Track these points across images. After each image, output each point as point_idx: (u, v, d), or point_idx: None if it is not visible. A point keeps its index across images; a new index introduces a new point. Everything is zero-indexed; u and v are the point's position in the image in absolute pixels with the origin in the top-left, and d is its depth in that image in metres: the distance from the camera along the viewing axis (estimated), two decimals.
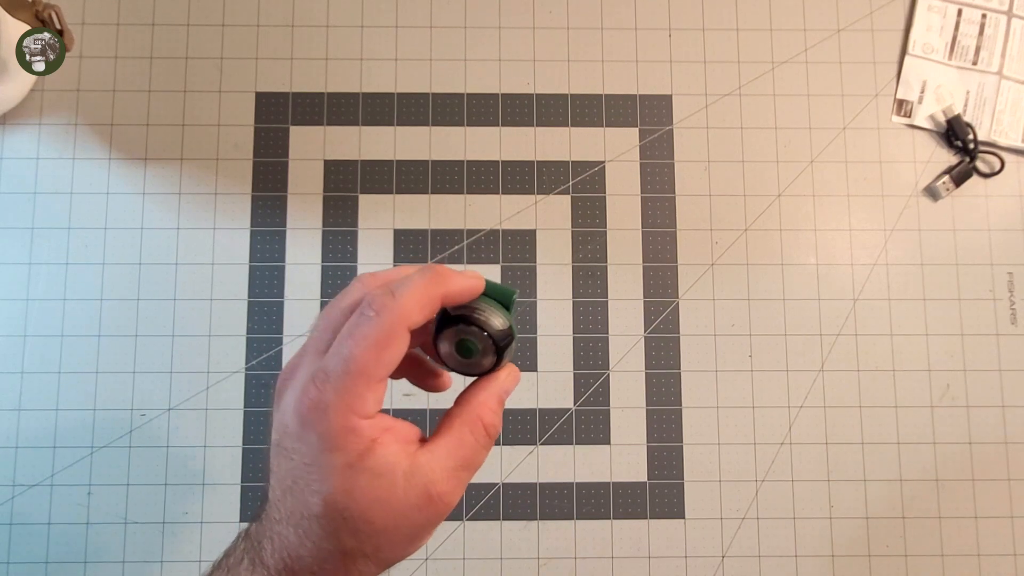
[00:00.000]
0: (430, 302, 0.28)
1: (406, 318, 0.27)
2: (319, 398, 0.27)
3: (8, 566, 0.54)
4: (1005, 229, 0.60)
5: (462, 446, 0.29)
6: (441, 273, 0.29)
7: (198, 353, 0.57)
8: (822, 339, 0.58)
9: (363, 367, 0.27)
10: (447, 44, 0.61)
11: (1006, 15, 0.62)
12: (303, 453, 0.27)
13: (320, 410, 0.27)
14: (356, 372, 0.27)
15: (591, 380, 0.58)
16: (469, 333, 0.30)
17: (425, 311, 0.28)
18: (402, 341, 0.27)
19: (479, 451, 0.30)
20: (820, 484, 0.57)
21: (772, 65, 0.61)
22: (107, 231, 0.58)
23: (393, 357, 0.27)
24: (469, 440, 0.29)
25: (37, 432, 0.56)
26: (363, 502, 0.27)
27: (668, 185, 0.60)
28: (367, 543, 0.28)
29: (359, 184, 0.59)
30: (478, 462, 0.30)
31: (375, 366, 0.27)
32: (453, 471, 0.29)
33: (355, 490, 0.27)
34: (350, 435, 0.27)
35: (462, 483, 0.29)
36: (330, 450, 0.27)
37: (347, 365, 0.27)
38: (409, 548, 0.30)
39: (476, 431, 0.30)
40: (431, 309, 0.28)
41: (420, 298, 0.28)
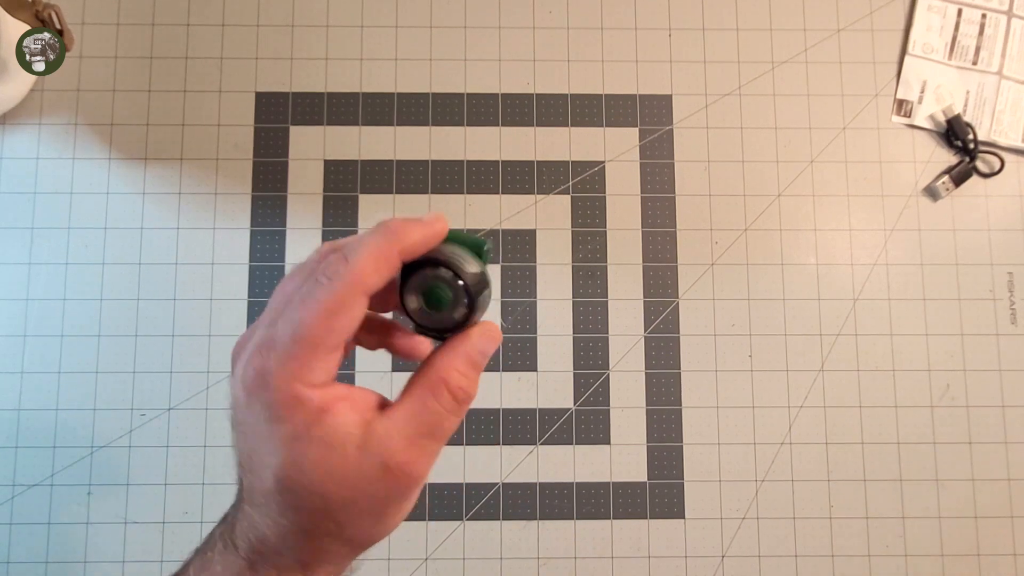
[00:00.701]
0: (387, 261, 0.26)
1: (360, 283, 0.25)
2: (262, 367, 0.25)
3: (8, 566, 0.54)
4: (1005, 229, 0.60)
5: (424, 411, 0.26)
6: (395, 228, 0.26)
7: (198, 353, 0.57)
8: (822, 339, 0.58)
9: (311, 334, 0.25)
10: (447, 44, 0.61)
11: (1006, 15, 0.62)
12: (251, 425, 0.26)
13: (263, 379, 0.25)
14: (303, 339, 0.25)
15: (591, 380, 0.58)
16: (437, 278, 0.27)
17: (382, 272, 0.26)
18: (356, 307, 0.25)
19: (445, 417, 0.27)
20: (820, 484, 0.57)
21: (772, 65, 0.61)
22: (107, 231, 0.58)
23: (345, 324, 0.25)
24: (432, 405, 0.26)
25: (37, 432, 0.56)
26: (313, 476, 0.25)
27: (668, 185, 0.60)
28: (326, 521, 0.26)
29: (359, 184, 0.59)
30: (445, 430, 0.27)
31: (325, 334, 0.25)
32: (414, 439, 0.26)
33: (304, 463, 0.25)
34: (296, 405, 0.25)
35: (427, 453, 0.26)
36: (276, 421, 0.25)
37: (294, 332, 0.25)
38: (377, 526, 0.28)
39: (440, 395, 0.26)
40: (389, 269, 0.26)
41: (375, 259, 0.26)
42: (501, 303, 0.58)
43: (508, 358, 0.58)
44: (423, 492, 0.56)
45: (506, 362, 0.58)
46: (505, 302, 0.58)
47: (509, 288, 0.58)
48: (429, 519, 0.56)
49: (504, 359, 0.58)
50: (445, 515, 0.56)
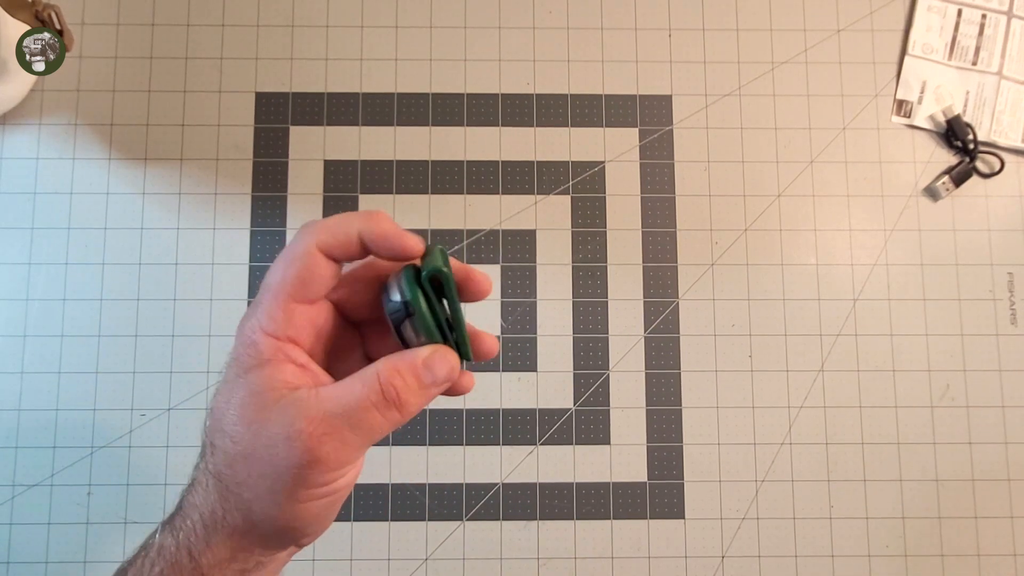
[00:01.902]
0: (343, 226, 0.27)
1: (313, 235, 0.27)
2: (243, 318, 0.28)
3: (8, 566, 0.54)
4: (1005, 229, 0.60)
5: (349, 395, 0.26)
6: (371, 213, 0.28)
7: (198, 353, 0.57)
8: (822, 339, 0.58)
9: (271, 281, 0.27)
10: (447, 44, 0.61)
11: (1006, 15, 0.62)
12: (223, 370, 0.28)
13: (239, 326, 0.28)
14: (267, 288, 0.27)
15: (591, 380, 0.58)
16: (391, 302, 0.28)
17: (337, 235, 0.27)
18: (310, 260, 0.27)
19: (368, 409, 0.26)
20: (820, 484, 0.57)
21: (772, 65, 0.61)
22: (107, 231, 0.58)
23: (300, 274, 0.27)
24: (359, 392, 0.26)
25: (37, 432, 0.56)
26: (234, 415, 0.26)
27: (668, 185, 0.60)
28: (230, 469, 0.26)
29: (359, 184, 0.59)
30: (367, 424, 0.26)
31: (281, 281, 0.27)
32: (330, 419, 0.26)
33: (232, 401, 0.26)
34: (248, 347, 0.27)
35: (339, 439, 0.26)
36: (233, 360, 0.27)
37: (265, 282, 0.28)
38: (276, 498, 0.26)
39: (370, 386, 0.26)
40: (344, 234, 0.27)
41: (336, 221, 0.27)
42: (501, 303, 0.58)
43: (508, 358, 0.58)
44: (424, 492, 0.56)
45: (506, 362, 0.58)
46: (505, 302, 0.58)
47: (509, 288, 0.58)
48: (429, 519, 0.56)
49: (504, 359, 0.58)
50: (445, 515, 0.56)
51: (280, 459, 0.25)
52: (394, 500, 0.56)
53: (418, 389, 0.27)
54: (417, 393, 0.27)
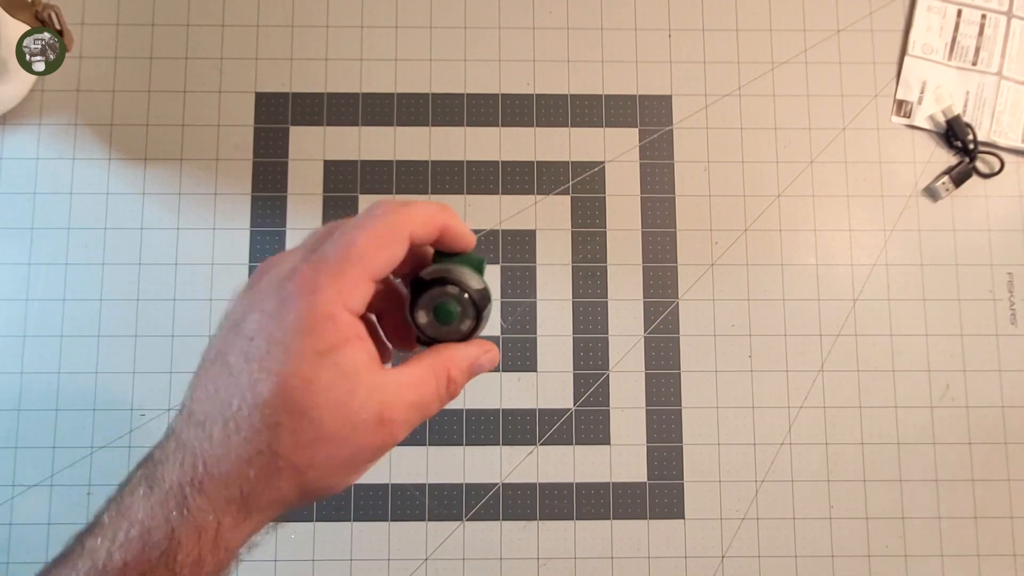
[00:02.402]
0: (433, 222, 0.28)
1: (410, 223, 0.27)
2: (312, 279, 0.25)
3: (8, 566, 0.54)
4: (1005, 229, 0.60)
5: (423, 385, 0.28)
6: (448, 207, 0.29)
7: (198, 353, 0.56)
8: (822, 339, 0.58)
9: (363, 256, 0.26)
10: (447, 44, 0.61)
11: (1006, 15, 0.62)
12: (268, 332, 0.25)
13: (309, 290, 0.25)
14: (355, 259, 0.26)
15: (591, 380, 0.58)
16: (445, 295, 0.29)
17: (427, 227, 0.28)
18: (402, 245, 0.27)
19: (434, 400, 0.28)
20: (820, 484, 0.57)
21: (772, 65, 0.61)
22: (107, 231, 0.58)
23: (391, 257, 0.27)
24: (431, 384, 0.28)
25: (37, 432, 0.56)
26: (319, 400, 0.25)
27: (668, 185, 0.60)
28: (305, 449, 0.25)
29: (359, 184, 0.59)
30: (431, 410, 0.28)
31: (373, 258, 0.26)
32: (409, 405, 0.27)
33: (316, 383, 0.25)
34: (329, 323, 0.25)
35: (411, 423, 0.28)
36: (305, 332, 0.25)
37: (347, 251, 0.26)
38: (340, 476, 0.27)
39: (440, 379, 0.28)
40: (432, 227, 0.28)
41: (425, 213, 0.28)
42: (501, 303, 0.58)
43: (508, 358, 0.58)
44: (424, 492, 0.56)
45: (506, 362, 0.58)
46: (505, 302, 0.58)
47: (509, 288, 0.58)
48: (429, 519, 0.56)
49: (504, 359, 0.58)
50: (445, 515, 0.56)
51: (364, 442, 0.26)
52: (394, 500, 0.56)
53: (467, 381, 0.30)
54: (464, 383, 0.30)
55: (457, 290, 0.29)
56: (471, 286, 0.30)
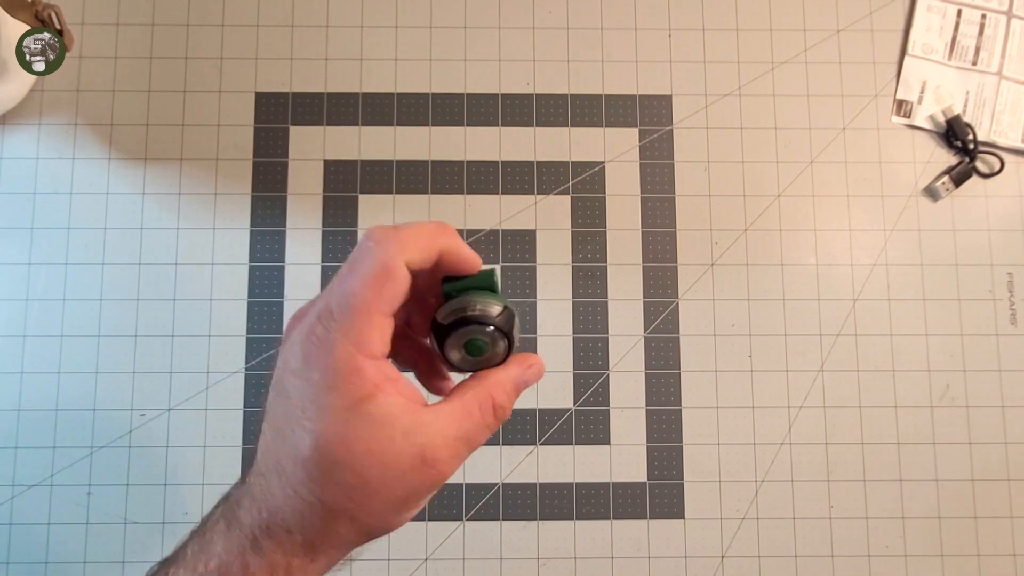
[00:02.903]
0: (429, 243, 0.28)
1: (403, 251, 0.27)
2: (324, 336, 0.26)
3: (8, 566, 0.54)
4: (1005, 229, 0.60)
5: (467, 417, 0.28)
6: (447, 225, 0.29)
7: (198, 353, 0.57)
8: (822, 339, 0.58)
9: (364, 301, 0.26)
10: (447, 44, 0.61)
11: (1006, 15, 0.62)
12: (302, 392, 0.26)
13: (325, 347, 0.26)
14: (358, 307, 0.26)
15: (591, 380, 0.58)
16: (471, 333, 0.29)
17: (423, 251, 0.28)
18: (401, 276, 0.27)
19: (483, 429, 0.28)
20: (820, 484, 0.57)
21: (772, 65, 0.61)
22: (107, 231, 0.58)
23: (394, 292, 0.27)
24: (476, 414, 0.28)
25: (37, 432, 0.56)
26: (356, 451, 0.26)
27: (668, 185, 0.60)
28: (352, 499, 0.26)
29: (359, 184, 0.59)
30: (479, 440, 0.29)
31: (376, 300, 0.26)
32: (453, 440, 0.27)
33: (350, 436, 0.26)
34: (353, 376, 0.26)
35: (459, 457, 0.28)
36: (330, 389, 0.26)
37: (349, 300, 0.26)
38: (395, 516, 0.28)
39: (485, 407, 0.28)
40: (429, 251, 0.28)
41: (420, 236, 0.28)
42: None
43: None
44: None
45: None
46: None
47: (509, 288, 0.58)
48: (429, 519, 0.56)
49: None
50: (445, 515, 0.56)
51: (413, 483, 0.27)
52: None
53: (515, 398, 0.30)
54: (513, 401, 0.30)
55: (479, 326, 0.29)
56: (491, 315, 0.29)
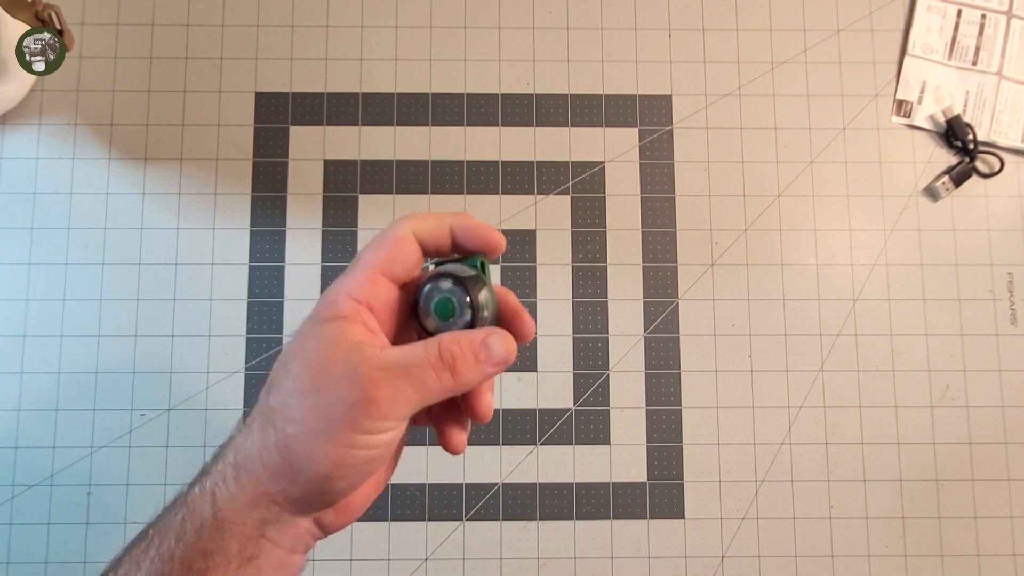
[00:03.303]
0: (439, 220, 0.31)
1: (410, 223, 0.30)
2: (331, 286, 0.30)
3: (8, 566, 0.54)
4: (1005, 229, 0.60)
5: (410, 353, 0.28)
6: (464, 214, 0.31)
7: (198, 353, 0.57)
8: (822, 339, 0.58)
9: (363, 259, 0.30)
10: (447, 44, 0.61)
11: (1006, 15, 0.62)
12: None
13: (325, 292, 0.30)
14: (358, 261, 0.30)
15: (591, 380, 0.58)
16: (439, 290, 0.30)
17: (433, 226, 0.30)
18: (400, 244, 0.30)
19: (424, 368, 0.28)
20: (820, 484, 0.57)
21: (772, 65, 0.61)
22: (107, 231, 0.58)
23: (390, 255, 0.30)
24: (420, 353, 0.28)
25: (37, 432, 0.56)
26: (300, 355, 0.28)
27: (668, 185, 0.60)
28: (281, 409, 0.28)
29: (359, 184, 0.59)
30: (421, 379, 0.28)
31: (374, 259, 0.30)
32: (392, 368, 0.28)
33: (304, 345, 0.28)
34: (328, 304, 0.29)
35: (395, 386, 0.27)
36: (312, 317, 0.29)
37: (356, 258, 0.30)
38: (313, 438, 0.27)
39: (430, 349, 0.28)
40: (439, 228, 0.31)
41: (432, 216, 0.31)
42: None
43: None
44: (424, 492, 0.56)
45: None
46: None
47: (509, 288, 0.58)
48: (429, 519, 0.56)
49: None
50: (445, 515, 0.56)
51: (336, 396, 0.27)
52: (394, 500, 0.56)
53: (473, 362, 0.29)
54: (472, 366, 0.29)
55: (449, 283, 0.30)
56: (460, 274, 0.30)
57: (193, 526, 0.27)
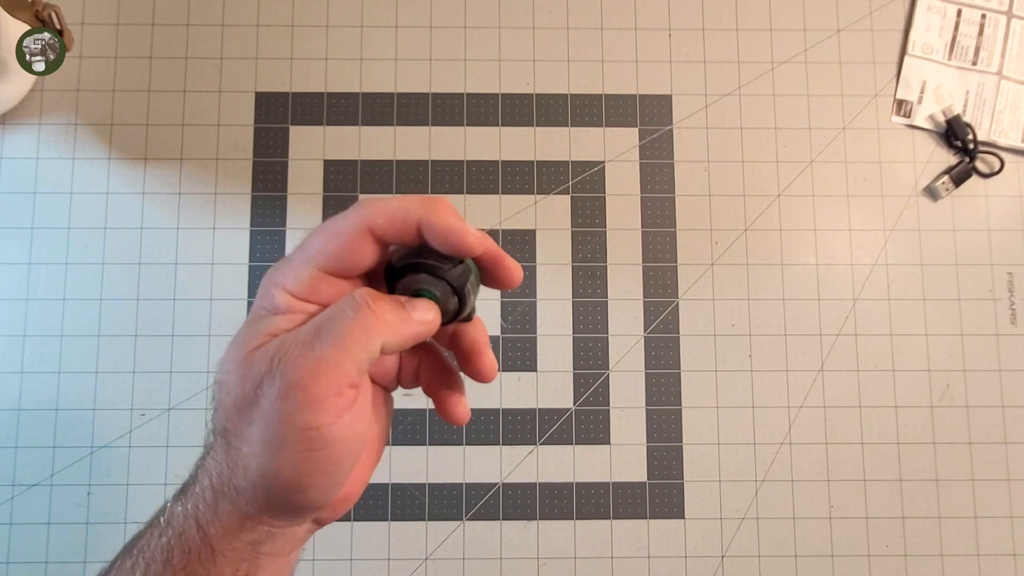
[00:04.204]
0: (400, 213, 0.26)
1: (368, 216, 0.26)
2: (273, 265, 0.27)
3: (8, 566, 0.54)
4: (1005, 229, 0.60)
5: (324, 313, 0.25)
6: (434, 199, 0.27)
7: (198, 353, 0.57)
8: (822, 339, 0.58)
9: (310, 247, 0.26)
10: (447, 44, 0.61)
11: (1006, 15, 0.62)
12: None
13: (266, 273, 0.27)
14: (303, 248, 0.27)
15: (591, 380, 0.58)
16: (420, 282, 0.27)
17: (395, 222, 0.26)
18: (354, 240, 0.26)
19: (337, 313, 0.25)
20: (820, 484, 0.57)
21: (772, 65, 0.61)
22: (107, 231, 0.58)
23: (336, 249, 0.26)
24: (332, 307, 0.25)
25: (37, 432, 0.56)
26: (227, 365, 0.26)
27: (668, 185, 0.60)
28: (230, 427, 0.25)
29: (359, 184, 0.59)
30: (337, 327, 0.24)
31: (319, 252, 0.26)
32: (305, 338, 0.24)
33: (229, 351, 0.26)
34: (264, 299, 0.26)
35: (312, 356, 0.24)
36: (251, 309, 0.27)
37: (303, 241, 0.27)
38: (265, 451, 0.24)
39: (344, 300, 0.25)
40: (401, 224, 0.26)
41: (393, 206, 0.26)
42: (501, 303, 0.58)
43: (508, 358, 0.58)
44: (424, 492, 0.56)
45: (506, 362, 0.58)
46: (505, 302, 0.58)
47: None
48: (429, 519, 0.56)
49: (504, 359, 0.58)
50: (445, 515, 0.56)
51: (265, 398, 0.24)
52: (394, 500, 0.56)
53: (392, 304, 0.26)
54: (391, 310, 0.25)
55: (429, 276, 0.27)
56: (444, 267, 0.27)
57: (181, 551, 0.25)
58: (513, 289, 0.29)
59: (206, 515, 0.25)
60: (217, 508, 0.25)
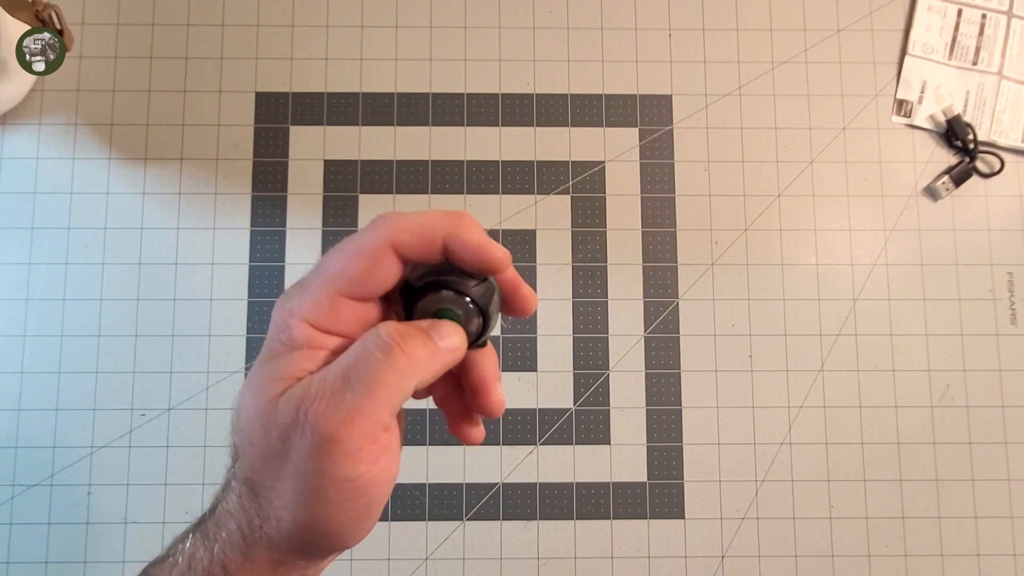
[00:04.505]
0: (425, 230, 0.24)
1: (390, 234, 0.24)
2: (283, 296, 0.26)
3: (8, 566, 0.54)
4: (1005, 229, 0.60)
5: (347, 353, 0.24)
6: (459, 215, 0.25)
7: (198, 353, 0.57)
8: (822, 339, 0.58)
9: (330, 270, 0.25)
10: (447, 44, 0.61)
11: (1006, 15, 0.62)
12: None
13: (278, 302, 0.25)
14: (321, 272, 0.25)
15: (591, 380, 0.58)
16: (442, 301, 0.26)
17: (418, 239, 0.24)
18: (378, 259, 0.24)
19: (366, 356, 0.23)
20: (820, 484, 0.57)
21: (772, 65, 0.61)
22: (107, 231, 0.58)
23: (358, 271, 0.24)
24: (357, 346, 0.24)
25: (37, 432, 0.56)
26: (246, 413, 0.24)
27: (668, 185, 0.60)
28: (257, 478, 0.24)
29: (359, 184, 0.59)
30: (368, 372, 0.23)
31: (340, 274, 0.24)
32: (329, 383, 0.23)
33: (244, 396, 0.24)
34: (281, 332, 0.25)
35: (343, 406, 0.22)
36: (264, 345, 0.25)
37: (320, 264, 0.25)
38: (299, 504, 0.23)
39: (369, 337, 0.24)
40: (426, 240, 0.25)
41: (417, 222, 0.24)
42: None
43: (508, 358, 0.58)
44: (424, 492, 0.56)
45: (506, 362, 0.58)
46: None
47: None
48: (429, 519, 0.56)
49: (504, 359, 0.58)
50: (445, 515, 0.56)
51: (295, 452, 0.23)
52: (394, 500, 0.56)
53: (421, 339, 0.24)
54: (422, 344, 0.24)
55: (452, 294, 0.26)
56: (468, 284, 0.26)
57: None
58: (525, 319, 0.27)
59: (235, 561, 0.24)
60: (247, 554, 0.24)
